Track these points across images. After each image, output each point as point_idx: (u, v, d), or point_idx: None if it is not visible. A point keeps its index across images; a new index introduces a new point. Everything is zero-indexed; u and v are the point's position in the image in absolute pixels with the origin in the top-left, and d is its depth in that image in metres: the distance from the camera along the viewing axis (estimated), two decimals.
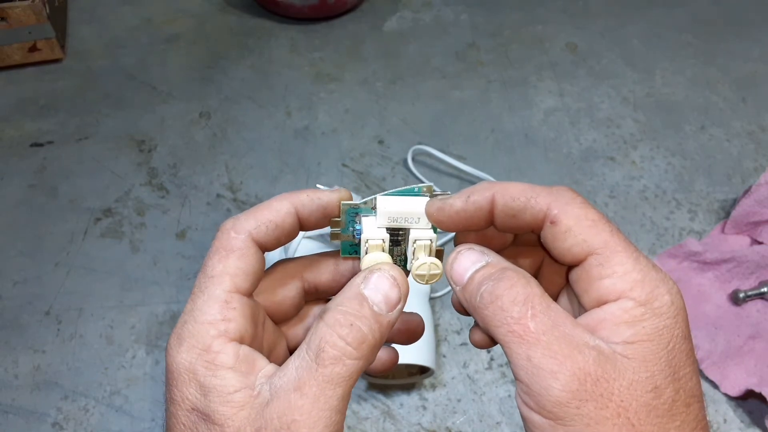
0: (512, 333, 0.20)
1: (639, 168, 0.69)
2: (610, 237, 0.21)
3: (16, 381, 0.52)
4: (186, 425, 0.22)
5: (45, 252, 0.60)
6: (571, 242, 0.22)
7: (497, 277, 0.21)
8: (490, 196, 0.23)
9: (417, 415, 0.51)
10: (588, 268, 0.21)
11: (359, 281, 0.23)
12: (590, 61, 0.80)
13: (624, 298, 0.21)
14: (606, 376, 0.19)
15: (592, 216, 0.22)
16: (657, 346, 0.20)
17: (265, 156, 0.69)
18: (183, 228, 0.63)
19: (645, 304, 0.21)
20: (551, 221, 0.22)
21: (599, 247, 0.21)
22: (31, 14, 0.72)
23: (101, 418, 0.50)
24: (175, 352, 0.22)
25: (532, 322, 0.20)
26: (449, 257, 0.24)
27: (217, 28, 0.85)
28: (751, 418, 0.51)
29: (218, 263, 0.23)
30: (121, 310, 0.56)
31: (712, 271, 0.58)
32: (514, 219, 0.23)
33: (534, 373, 0.20)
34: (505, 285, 0.21)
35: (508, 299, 0.21)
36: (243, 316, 0.23)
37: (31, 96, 0.75)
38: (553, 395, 0.19)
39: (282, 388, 0.21)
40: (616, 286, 0.21)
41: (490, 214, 0.23)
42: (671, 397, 0.20)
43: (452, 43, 0.83)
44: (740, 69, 0.80)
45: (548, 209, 0.22)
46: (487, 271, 0.22)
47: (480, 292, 0.21)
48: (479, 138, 0.71)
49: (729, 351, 0.53)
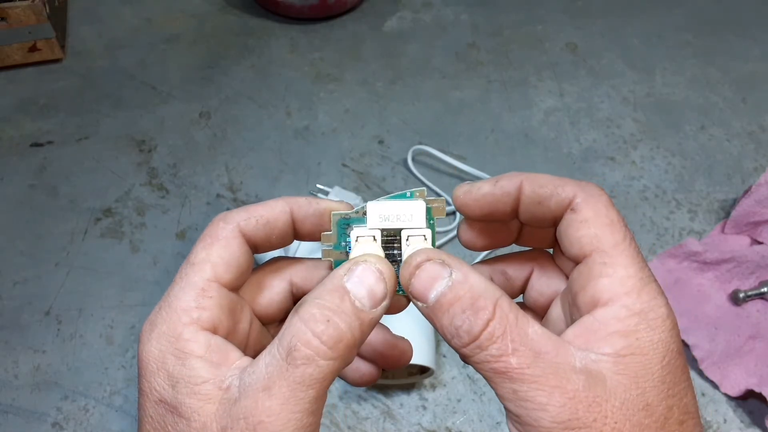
0: (494, 371, 0.19)
1: (639, 168, 0.69)
2: (622, 240, 0.21)
3: (16, 381, 0.52)
4: (153, 418, 0.21)
5: (45, 252, 0.60)
6: (583, 232, 0.21)
7: (471, 309, 0.20)
8: (519, 182, 0.23)
9: (417, 415, 0.51)
10: (591, 264, 0.21)
11: (342, 273, 0.21)
12: (590, 61, 0.80)
13: (618, 303, 0.20)
14: (598, 400, 0.19)
15: (612, 216, 0.21)
16: (650, 361, 0.19)
17: (265, 156, 0.69)
18: (183, 228, 0.63)
19: (639, 314, 0.20)
20: (572, 208, 0.22)
21: (608, 246, 0.21)
22: (31, 14, 0.72)
23: (101, 418, 0.50)
24: (146, 340, 0.21)
25: (513, 357, 0.19)
26: (403, 270, 0.22)
27: (218, 28, 0.85)
28: (752, 418, 0.51)
29: (201, 251, 0.23)
30: (121, 310, 0.56)
31: (712, 271, 0.58)
32: (539, 206, 0.22)
33: (522, 405, 0.19)
34: (481, 321, 0.20)
35: (486, 337, 0.19)
36: (219, 306, 0.22)
37: (31, 96, 0.75)
38: (544, 426, 0.19)
39: (251, 386, 0.20)
40: (613, 287, 0.20)
41: (516, 201, 0.23)
42: (663, 414, 0.19)
43: (452, 43, 0.83)
44: (740, 69, 0.80)
45: (573, 197, 0.22)
46: (456, 295, 0.20)
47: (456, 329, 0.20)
48: (479, 138, 0.71)
49: (729, 351, 0.53)
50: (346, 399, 0.51)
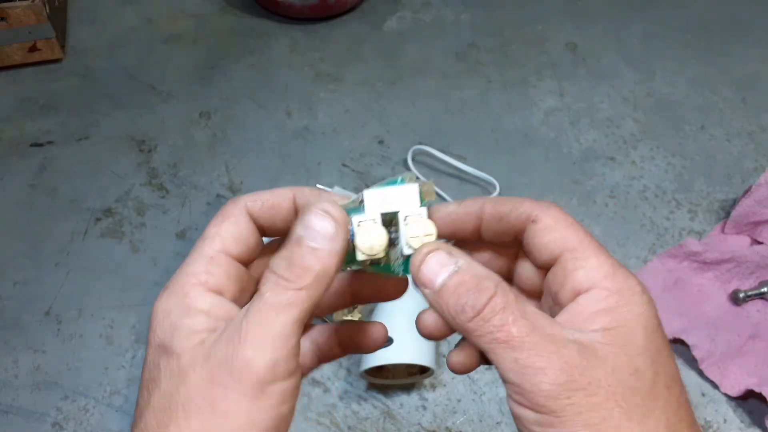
0: (496, 340, 0.21)
1: (639, 168, 0.69)
2: (585, 236, 0.23)
3: (16, 381, 0.52)
4: (151, 363, 0.23)
5: (45, 252, 0.60)
6: (549, 238, 0.23)
7: (475, 289, 0.22)
8: (481, 203, 0.25)
9: (417, 415, 0.51)
10: (564, 263, 0.23)
11: (298, 225, 0.23)
12: (590, 61, 0.80)
13: (598, 287, 0.22)
14: (591, 365, 0.20)
15: (570, 220, 0.24)
16: (634, 331, 0.21)
17: (265, 156, 0.69)
18: (183, 228, 0.63)
19: (618, 293, 0.22)
20: (533, 220, 0.24)
21: (575, 244, 0.23)
22: (31, 14, 0.72)
23: (101, 418, 0.50)
24: (159, 298, 0.24)
25: (513, 327, 0.21)
26: (414, 258, 0.24)
27: (218, 28, 0.85)
28: (752, 418, 0.51)
29: (213, 227, 0.25)
30: (121, 310, 0.56)
31: (712, 271, 0.58)
32: (500, 222, 0.25)
33: (523, 372, 0.21)
34: (485, 297, 0.22)
35: (489, 310, 0.21)
36: (226, 274, 0.24)
37: (31, 96, 0.75)
38: (544, 389, 0.20)
39: (234, 321, 0.22)
40: (589, 275, 0.22)
41: (478, 219, 0.25)
42: (651, 379, 0.21)
43: (452, 43, 0.83)
44: (740, 69, 0.80)
45: (531, 211, 0.24)
46: (462, 279, 0.22)
47: (462, 306, 0.22)
48: (479, 138, 0.71)
49: (729, 351, 0.53)
50: (346, 399, 0.51)
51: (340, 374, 0.52)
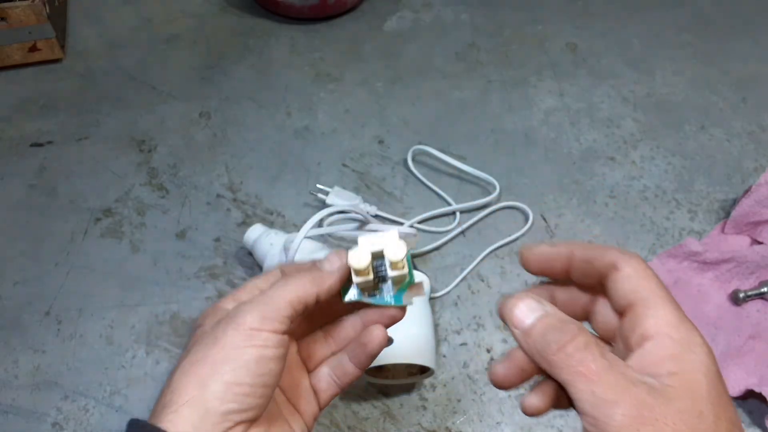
0: (577, 373, 0.24)
1: (639, 168, 0.69)
2: (658, 289, 0.26)
3: (16, 381, 0.52)
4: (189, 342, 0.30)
5: (45, 252, 0.60)
6: (627, 286, 0.26)
7: (560, 329, 0.25)
8: (571, 247, 0.28)
9: (417, 415, 0.51)
10: (636, 310, 0.25)
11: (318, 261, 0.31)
12: (590, 61, 0.81)
13: (663, 335, 0.24)
14: (659, 404, 0.23)
15: (649, 272, 0.26)
16: (697, 377, 0.23)
17: (265, 156, 0.69)
18: (183, 228, 0.63)
19: (681, 342, 0.24)
20: (616, 268, 0.26)
21: (648, 294, 0.25)
22: (31, 14, 0.72)
23: (101, 418, 0.50)
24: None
25: (593, 363, 0.24)
26: (508, 302, 0.27)
27: (218, 28, 0.85)
28: (751, 418, 0.51)
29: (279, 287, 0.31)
30: (121, 310, 0.56)
31: (712, 271, 0.58)
32: (587, 264, 0.28)
33: (598, 404, 0.23)
34: (569, 335, 0.25)
35: (572, 347, 0.24)
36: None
37: (31, 96, 0.75)
38: (616, 421, 0.22)
39: None
40: (657, 324, 0.25)
41: (568, 261, 0.28)
42: (714, 422, 0.23)
43: (452, 43, 0.83)
44: (740, 69, 0.80)
45: (616, 259, 0.27)
46: (549, 321, 0.26)
47: (547, 340, 0.25)
48: (479, 138, 0.71)
49: (729, 351, 0.53)
50: (346, 399, 0.51)
51: None
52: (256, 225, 0.58)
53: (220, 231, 0.62)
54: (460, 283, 0.58)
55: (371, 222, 0.55)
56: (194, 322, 0.32)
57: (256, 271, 0.59)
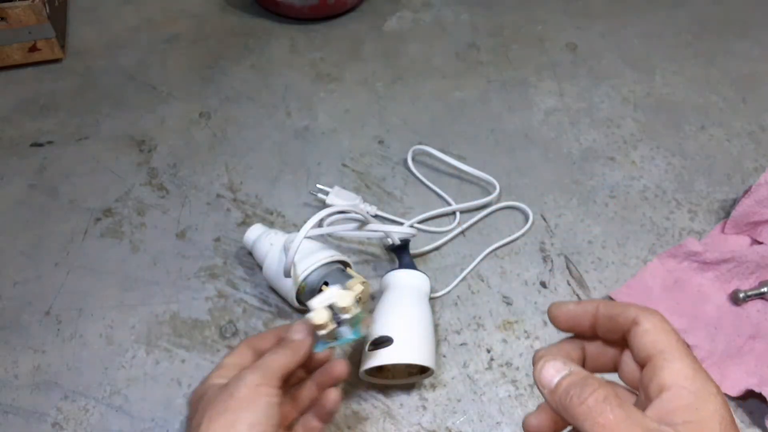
0: (597, 424, 0.26)
1: (639, 168, 0.69)
2: (675, 342, 0.28)
3: (16, 381, 0.52)
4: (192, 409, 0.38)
5: (45, 252, 0.60)
6: (646, 339, 0.28)
7: (582, 384, 0.27)
8: (596, 304, 0.31)
9: (417, 415, 0.51)
10: (654, 362, 0.27)
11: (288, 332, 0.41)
12: (590, 61, 0.81)
13: (679, 386, 0.26)
14: None
15: (667, 327, 0.28)
16: (712, 426, 0.25)
17: (265, 156, 0.69)
18: (183, 228, 0.63)
19: (696, 393, 0.26)
20: (636, 323, 0.29)
21: (665, 347, 0.27)
22: (31, 14, 0.72)
23: (101, 418, 0.50)
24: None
25: (611, 414, 0.26)
26: (537, 364, 0.29)
27: (218, 28, 0.85)
28: (751, 419, 0.51)
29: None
30: (121, 310, 0.56)
31: (712, 271, 0.58)
32: (610, 321, 0.30)
33: None
34: (589, 390, 0.27)
35: (593, 400, 0.26)
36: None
37: (31, 96, 0.75)
38: None
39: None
40: (673, 375, 0.27)
41: (593, 318, 0.31)
42: None
43: (452, 43, 0.83)
44: (740, 69, 0.80)
45: (636, 315, 0.29)
46: (573, 379, 0.28)
47: (570, 395, 0.27)
48: (479, 138, 0.71)
49: (729, 351, 0.53)
50: (346, 399, 0.51)
51: None
52: (256, 225, 0.58)
53: (220, 231, 0.62)
54: (460, 283, 0.58)
55: (371, 222, 0.55)
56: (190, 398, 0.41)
57: (256, 272, 0.59)
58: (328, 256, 0.52)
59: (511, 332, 0.55)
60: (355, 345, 0.54)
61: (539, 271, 0.60)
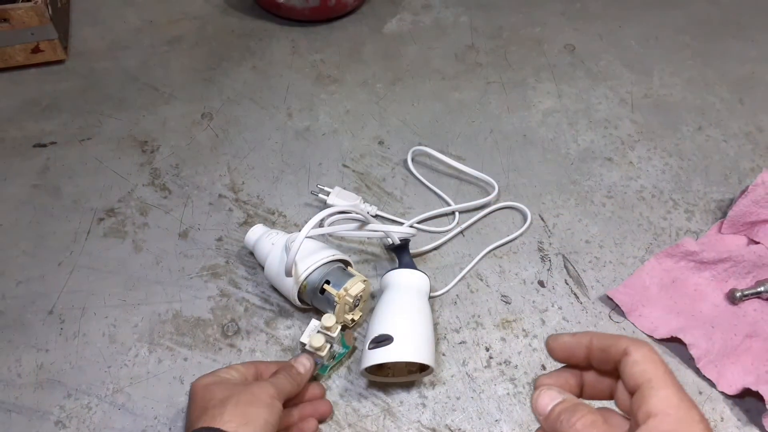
0: None
1: (636, 168, 0.69)
2: (663, 372, 0.29)
3: (19, 379, 0.53)
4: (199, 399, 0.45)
5: (48, 251, 0.61)
6: (636, 369, 0.29)
7: (572, 410, 0.30)
8: (590, 336, 0.32)
9: (417, 412, 0.51)
10: (642, 390, 0.29)
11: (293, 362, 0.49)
12: (588, 63, 0.81)
13: (665, 413, 0.27)
14: None
15: (656, 358, 0.30)
16: None
17: (266, 156, 0.70)
18: (185, 228, 0.63)
19: (681, 421, 0.27)
20: (626, 353, 0.30)
21: (652, 376, 0.29)
22: (33, 15, 0.73)
23: (104, 416, 0.51)
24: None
25: None
26: (534, 394, 0.32)
27: (219, 30, 0.85)
28: (748, 417, 0.51)
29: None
30: (123, 309, 0.57)
31: (709, 270, 0.59)
32: (603, 352, 0.32)
33: None
34: (578, 415, 0.29)
35: (580, 424, 0.29)
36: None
37: (34, 97, 0.75)
38: None
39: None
40: (660, 403, 0.28)
41: (588, 349, 0.32)
42: None
43: (452, 44, 0.84)
44: (737, 70, 0.80)
45: (627, 346, 0.30)
46: (565, 406, 0.30)
47: (560, 420, 0.29)
48: (478, 139, 0.72)
49: (726, 350, 0.54)
50: (346, 397, 0.52)
51: (341, 372, 0.53)
52: (257, 225, 0.59)
53: (222, 231, 0.63)
54: (459, 282, 0.59)
55: (371, 222, 0.56)
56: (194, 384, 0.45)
57: (258, 271, 0.59)
58: (329, 256, 0.53)
59: (509, 331, 0.56)
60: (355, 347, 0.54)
61: (537, 271, 0.60)
